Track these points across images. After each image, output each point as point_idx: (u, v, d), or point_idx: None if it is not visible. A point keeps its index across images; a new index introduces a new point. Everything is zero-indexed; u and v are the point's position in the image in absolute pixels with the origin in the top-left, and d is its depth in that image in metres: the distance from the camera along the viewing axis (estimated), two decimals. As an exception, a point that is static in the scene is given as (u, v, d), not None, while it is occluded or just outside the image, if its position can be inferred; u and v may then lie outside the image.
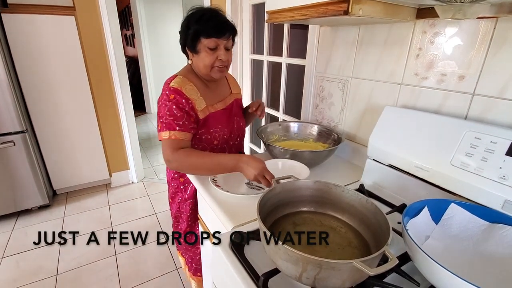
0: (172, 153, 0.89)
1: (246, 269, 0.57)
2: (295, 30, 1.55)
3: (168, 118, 0.90)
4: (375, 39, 0.96)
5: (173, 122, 0.90)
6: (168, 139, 0.90)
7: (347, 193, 0.66)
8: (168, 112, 0.90)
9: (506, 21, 0.65)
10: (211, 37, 0.89)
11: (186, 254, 1.23)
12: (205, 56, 0.92)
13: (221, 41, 0.91)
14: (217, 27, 0.89)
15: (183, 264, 1.31)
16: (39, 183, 2.12)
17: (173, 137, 0.90)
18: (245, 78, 2.07)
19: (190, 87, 0.95)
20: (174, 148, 0.90)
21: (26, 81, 2.06)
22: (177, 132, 0.90)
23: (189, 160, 0.89)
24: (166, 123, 0.90)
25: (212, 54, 0.91)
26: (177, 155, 0.89)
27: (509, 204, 0.60)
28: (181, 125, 0.91)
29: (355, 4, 0.64)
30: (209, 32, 0.88)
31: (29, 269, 1.67)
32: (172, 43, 4.93)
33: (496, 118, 0.70)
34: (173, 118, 0.90)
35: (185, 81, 0.96)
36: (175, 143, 0.90)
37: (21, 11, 1.93)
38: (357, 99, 1.08)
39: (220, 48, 0.91)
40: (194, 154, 0.90)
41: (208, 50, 0.91)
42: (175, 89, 0.92)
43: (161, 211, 2.27)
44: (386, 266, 0.43)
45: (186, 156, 0.89)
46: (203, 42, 0.90)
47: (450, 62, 0.77)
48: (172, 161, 0.90)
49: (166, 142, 0.90)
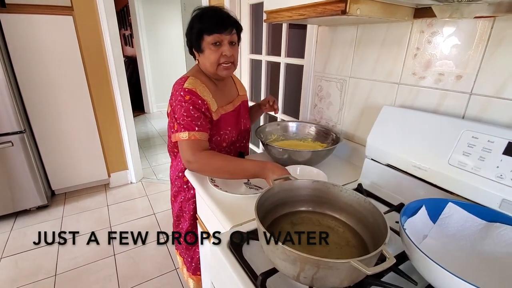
0: (194, 154, 0.87)
1: (244, 268, 0.57)
2: (294, 29, 1.55)
3: (186, 119, 0.89)
4: (373, 38, 0.96)
5: (191, 123, 0.89)
6: (187, 139, 0.88)
7: (345, 193, 0.66)
8: (185, 113, 0.89)
9: (503, 20, 0.65)
10: (214, 33, 0.89)
11: (186, 253, 1.23)
12: (210, 53, 0.91)
13: (224, 36, 0.90)
14: (219, 23, 0.89)
15: (181, 263, 1.31)
16: (37, 183, 2.12)
17: (192, 137, 0.89)
18: (244, 78, 2.07)
19: (203, 88, 0.95)
20: (195, 149, 0.88)
21: (24, 81, 2.05)
22: (196, 132, 0.89)
23: (212, 163, 0.87)
24: (184, 124, 0.89)
25: (216, 50, 0.91)
26: (199, 157, 0.87)
27: (506, 203, 0.60)
28: (199, 125, 0.90)
29: (353, 3, 0.64)
30: (211, 28, 0.88)
31: (28, 269, 1.67)
32: (171, 43, 4.93)
33: (493, 118, 0.71)
34: (191, 118, 0.89)
35: (198, 82, 0.95)
36: (195, 144, 0.89)
37: (19, 11, 1.93)
38: (355, 99, 1.08)
39: (224, 43, 0.91)
40: (217, 157, 0.89)
41: (212, 47, 0.90)
42: (190, 90, 0.91)
43: (160, 211, 2.27)
44: (383, 265, 0.43)
45: (208, 158, 0.88)
46: (206, 40, 0.90)
47: (448, 62, 0.77)
48: (193, 162, 0.88)
49: (186, 143, 0.89)
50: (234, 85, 1.15)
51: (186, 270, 1.26)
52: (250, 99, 2.11)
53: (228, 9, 0.94)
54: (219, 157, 0.89)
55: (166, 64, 4.96)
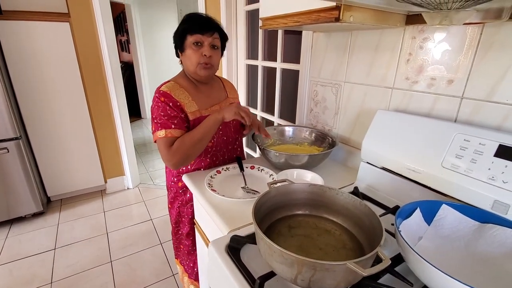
0: (169, 150, 0.92)
1: (242, 272, 0.57)
2: (289, 35, 1.58)
3: (163, 118, 0.94)
4: (367, 44, 0.98)
5: (167, 121, 0.93)
6: (164, 137, 0.92)
7: (341, 196, 0.67)
8: (162, 113, 0.94)
9: (492, 26, 0.67)
10: (195, 33, 0.94)
11: (188, 259, 1.22)
12: (191, 53, 0.96)
13: (205, 37, 0.95)
14: (201, 24, 0.94)
15: (181, 272, 1.30)
16: (33, 190, 2.10)
17: (169, 134, 0.93)
18: (240, 83, 2.09)
19: (180, 91, 0.99)
20: (169, 145, 0.93)
21: (20, 88, 2.05)
22: (172, 130, 0.93)
23: (185, 143, 0.93)
24: (161, 122, 0.93)
25: (197, 50, 0.95)
26: (173, 149, 0.92)
27: (498, 204, 0.62)
28: (176, 123, 0.94)
29: (346, 11, 0.66)
30: (193, 28, 0.94)
31: (23, 277, 1.65)
32: (167, 49, 4.94)
33: (484, 121, 0.72)
34: (167, 117, 0.94)
35: (175, 86, 1.00)
36: (171, 141, 0.93)
37: (15, 17, 1.93)
38: (351, 103, 1.10)
39: (204, 44, 0.95)
40: (185, 137, 0.94)
41: (193, 46, 0.95)
42: (164, 92, 0.96)
43: (157, 217, 2.26)
44: (379, 266, 0.44)
45: (181, 144, 0.93)
46: (188, 39, 0.95)
47: (439, 67, 0.79)
48: (172, 156, 0.92)
49: (162, 140, 0.93)
50: (224, 88, 1.16)
51: (188, 278, 1.25)
52: (247, 104, 2.12)
53: (213, 16, 1.00)
54: (187, 135, 0.94)
55: (163, 70, 4.97)
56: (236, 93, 1.22)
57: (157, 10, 4.69)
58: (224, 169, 1.03)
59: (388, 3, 0.71)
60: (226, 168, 1.04)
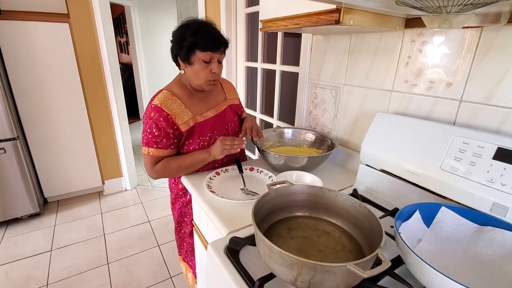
0: (150, 168, 0.99)
1: (241, 274, 0.57)
2: (289, 38, 1.58)
3: (148, 136, 0.96)
4: (366, 47, 0.99)
5: (151, 140, 0.96)
6: (147, 154, 0.98)
7: (341, 198, 0.67)
8: (148, 130, 0.96)
9: (490, 30, 0.68)
10: (207, 51, 0.91)
11: (191, 257, 1.23)
12: (200, 69, 0.94)
13: (215, 55, 0.93)
14: (213, 42, 0.92)
15: (185, 269, 1.29)
16: (29, 191, 2.08)
17: (151, 153, 0.97)
18: (240, 85, 2.09)
19: (173, 101, 0.98)
20: (152, 163, 0.98)
21: (18, 88, 2.04)
22: (154, 149, 0.97)
23: (169, 168, 0.99)
24: (146, 139, 0.97)
25: (206, 67, 0.94)
26: (156, 170, 0.98)
27: (497, 206, 0.62)
28: (159, 143, 0.96)
29: (346, 14, 0.66)
30: (206, 46, 0.91)
31: (18, 279, 1.63)
32: (166, 51, 4.92)
33: (483, 124, 0.73)
34: (152, 136, 0.96)
35: (168, 96, 0.98)
36: (153, 159, 0.98)
37: (14, 18, 1.93)
38: (350, 106, 1.10)
39: (213, 61, 0.94)
40: (172, 161, 0.99)
41: (202, 62, 0.93)
42: (155, 106, 0.96)
43: (155, 219, 2.25)
44: (379, 268, 0.44)
45: (164, 167, 0.98)
46: (198, 55, 0.92)
47: (438, 70, 0.80)
48: (151, 174, 1.00)
49: (146, 157, 0.99)
50: (222, 89, 1.16)
51: (192, 274, 1.25)
52: (246, 106, 2.13)
53: (217, 25, 0.97)
54: (173, 160, 0.99)
55: (162, 71, 4.96)
56: (236, 94, 1.21)
57: (156, 12, 4.70)
58: (223, 170, 1.03)
59: (388, 6, 0.71)
60: (225, 170, 1.03)
